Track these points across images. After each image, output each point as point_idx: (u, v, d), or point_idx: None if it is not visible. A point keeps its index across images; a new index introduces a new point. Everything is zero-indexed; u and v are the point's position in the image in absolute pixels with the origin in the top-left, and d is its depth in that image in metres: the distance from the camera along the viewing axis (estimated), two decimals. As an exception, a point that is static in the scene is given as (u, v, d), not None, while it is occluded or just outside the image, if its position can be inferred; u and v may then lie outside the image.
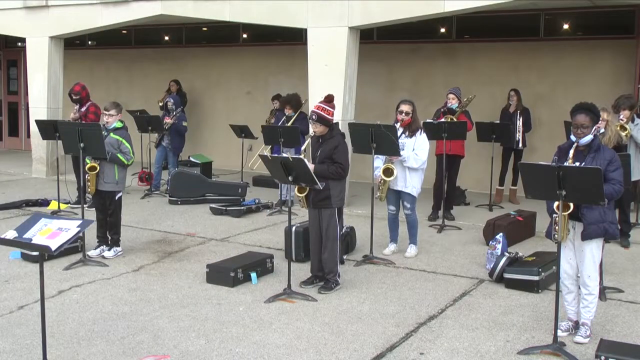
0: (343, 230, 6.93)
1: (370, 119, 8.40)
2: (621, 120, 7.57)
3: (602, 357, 4.45)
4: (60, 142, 8.37)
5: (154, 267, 6.87)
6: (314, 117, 6.03)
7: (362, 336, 5.08)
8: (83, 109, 9.23)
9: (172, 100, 11.17)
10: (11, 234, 4.11)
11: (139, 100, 14.51)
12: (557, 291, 4.90)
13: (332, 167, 5.99)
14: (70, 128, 7.17)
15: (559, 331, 4.89)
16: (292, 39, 12.30)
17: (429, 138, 7.39)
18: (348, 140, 6.71)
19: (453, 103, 9.14)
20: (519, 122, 10.04)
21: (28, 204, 9.72)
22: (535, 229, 8.25)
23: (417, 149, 7.04)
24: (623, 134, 7.36)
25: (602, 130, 5.89)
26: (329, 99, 6.12)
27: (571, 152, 4.83)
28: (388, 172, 7.02)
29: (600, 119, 5.23)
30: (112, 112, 7.14)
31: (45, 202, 9.75)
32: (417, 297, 6.00)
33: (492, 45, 11.41)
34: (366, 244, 7.38)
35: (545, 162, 4.85)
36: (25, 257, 6.90)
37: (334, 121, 6.22)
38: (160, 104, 11.36)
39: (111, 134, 7.08)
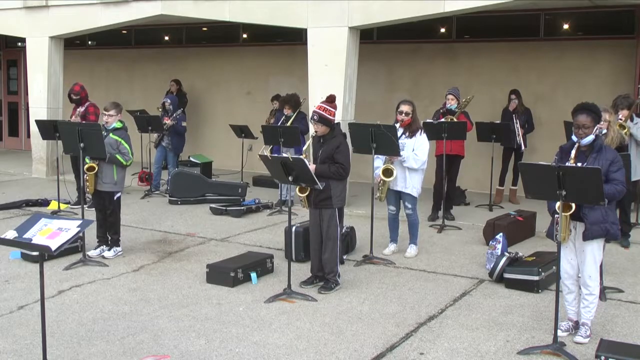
0: (343, 230, 6.93)
1: (370, 119, 8.40)
2: (620, 120, 7.58)
3: (602, 357, 4.46)
4: (60, 142, 8.37)
5: (154, 267, 6.87)
6: (315, 117, 6.03)
7: (362, 336, 5.08)
8: (82, 109, 9.23)
9: (169, 101, 11.18)
10: (11, 234, 4.11)
11: (139, 100, 14.50)
12: (557, 291, 4.90)
13: (333, 167, 5.99)
14: (70, 128, 7.17)
15: (559, 331, 4.89)
16: (292, 39, 12.30)
17: (429, 138, 7.39)
18: (348, 140, 6.71)
19: (452, 104, 9.13)
20: (519, 123, 10.02)
21: (28, 204, 9.72)
22: (535, 229, 8.25)
23: (416, 149, 7.04)
24: (622, 132, 7.36)
25: (604, 131, 5.89)
26: (330, 99, 6.12)
27: (573, 152, 4.83)
28: (388, 172, 7.02)
29: (602, 119, 5.22)
30: (112, 112, 7.14)
31: (45, 202, 9.75)
32: (417, 297, 6.00)
33: (492, 45, 11.41)
34: (366, 244, 7.37)
35: (545, 162, 4.85)
36: (25, 257, 6.90)
37: (336, 121, 6.22)
38: (160, 108, 11.41)
39: (110, 134, 7.07)
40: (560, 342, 4.82)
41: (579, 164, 4.78)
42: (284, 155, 6.17)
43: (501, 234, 7.01)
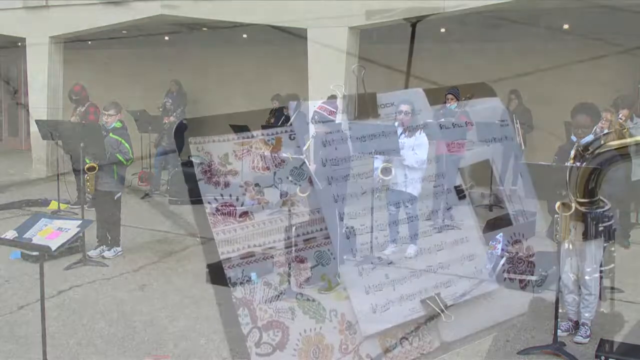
0: (343, 230, 6.92)
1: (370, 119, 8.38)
2: (620, 119, 7.58)
3: (602, 357, 4.46)
4: (60, 142, 8.37)
5: (154, 267, 6.86)
6: (316, 117, 6.03)
7: (362, 336, 5.07)
8: (82, 109, 9.24)
9: (170, 101, 11.20)
10: (11, 234, 4.11)
11: (139, 100, 14.48)
12: (557, 291, 4.90)
13: (334, 168, 5.99)
14: (70, 128, 7.17)
15: (559, 331, 4.89)
16: (292, 39, 12.28)
17: (429, 138, 7.38)
18: (349, 140, 6.70)
19: (452, 104, 9.13)
20: (518, 123, 10.03)
21: (28, 204, 9.71)
22: (535, 229, 8.23)
23: (416, 148, 7.04)
24: (622, 131, 7.36)
25: (606, 131, 5.88)
26: (331, 100, 6.13)
27: (572, 152, 4.83)
28: (386, 171, 7.02)
29: (604, 119, 5.22)
30: (112, 112, 7.14)
31: (45, 202, 9.74)
32: (417, 297, 5.99)
33: (492, 45, 11.40)
34: (366, 244, 7.36)
35: (544, 162, 4.85)
36: (25, 257, 6.90)
37: (336, 122, 6.22)
38: (160, 108, 11.41)
39: (110, 134, 7.07)
40: (560, 342, 4.81)
41: (578, 164, 4.78)
42: (284, 155, 6.17)
43: (501, 234, 7.00)
